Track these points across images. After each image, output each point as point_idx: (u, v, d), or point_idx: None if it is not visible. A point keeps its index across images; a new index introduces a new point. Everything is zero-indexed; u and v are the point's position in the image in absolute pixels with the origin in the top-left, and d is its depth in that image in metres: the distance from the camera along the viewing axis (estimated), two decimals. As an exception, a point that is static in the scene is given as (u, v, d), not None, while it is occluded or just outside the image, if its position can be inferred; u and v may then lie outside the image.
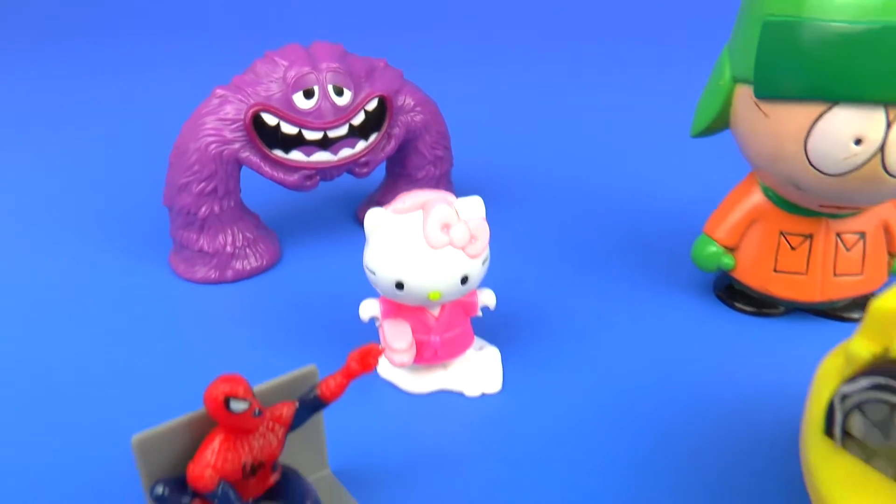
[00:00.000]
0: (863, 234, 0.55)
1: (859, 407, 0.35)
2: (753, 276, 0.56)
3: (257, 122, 0.58)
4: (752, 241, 0.56)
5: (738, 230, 0.57)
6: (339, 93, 0.59)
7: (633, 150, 0.86)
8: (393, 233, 0.46)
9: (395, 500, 0.42)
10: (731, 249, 0.57)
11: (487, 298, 0.51)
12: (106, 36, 1.28)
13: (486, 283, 0.57)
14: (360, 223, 0.68)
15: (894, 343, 0.35)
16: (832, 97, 0.47)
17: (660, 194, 0.76)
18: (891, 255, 0.57)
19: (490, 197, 0.76)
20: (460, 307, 0.49)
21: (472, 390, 0.50)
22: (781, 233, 0.55)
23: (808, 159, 0.49)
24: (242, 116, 0.57)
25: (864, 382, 0.34)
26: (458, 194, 0.73)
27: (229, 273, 0.61)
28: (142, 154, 0.85)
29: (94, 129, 0.92)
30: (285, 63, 0.58)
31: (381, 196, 0.69)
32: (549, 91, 1.03)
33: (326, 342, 0.55)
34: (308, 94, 0.58)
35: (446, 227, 0.46)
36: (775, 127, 0.50)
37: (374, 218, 0.47)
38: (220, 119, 0.58)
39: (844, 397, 0.35)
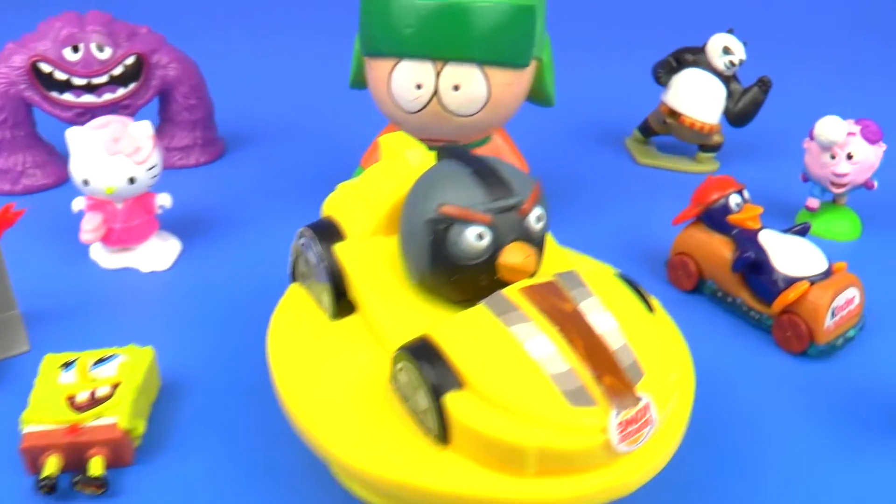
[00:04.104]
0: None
1: (303, 252, 0.52)
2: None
3: (36, 69, 0.77)
4: (392, 167, 0.73)
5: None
6: (101, 49, 0.77)
7: (345, 102, 1.01)
8: (83, 144, 0.65)
9: (68, 335, 0.61)
10: (379, 174, 0.75)
11: (164, 200, 0.69)
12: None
13: (212, 195, 0.76)
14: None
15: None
16: (399, 54, 0.64)
17: (353, 135, 0.92)
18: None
19: (246, 135, 0.96)
20: (141, 204, 0.68)
21: (145, 267, 0.68)
22: (412, 161, 0.72)
23: (393, 100, 0.66)
24: (25, 64, 0.77)
25: (300, 234, 0.51)
26: (223, 134, 0.91)
27: (19, 187, 0.80)
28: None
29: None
30: (59, 24, 0.77)
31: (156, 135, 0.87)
32: (307, 59, 1.26)
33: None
34: (75, 49, 0.77)
35: (117, 140, 0.64)
36: (374, 76, 0.67)
37: (72, 134, 0.65)
38: (8, 66, 0.77)
39: (295, 248, 0.52)
